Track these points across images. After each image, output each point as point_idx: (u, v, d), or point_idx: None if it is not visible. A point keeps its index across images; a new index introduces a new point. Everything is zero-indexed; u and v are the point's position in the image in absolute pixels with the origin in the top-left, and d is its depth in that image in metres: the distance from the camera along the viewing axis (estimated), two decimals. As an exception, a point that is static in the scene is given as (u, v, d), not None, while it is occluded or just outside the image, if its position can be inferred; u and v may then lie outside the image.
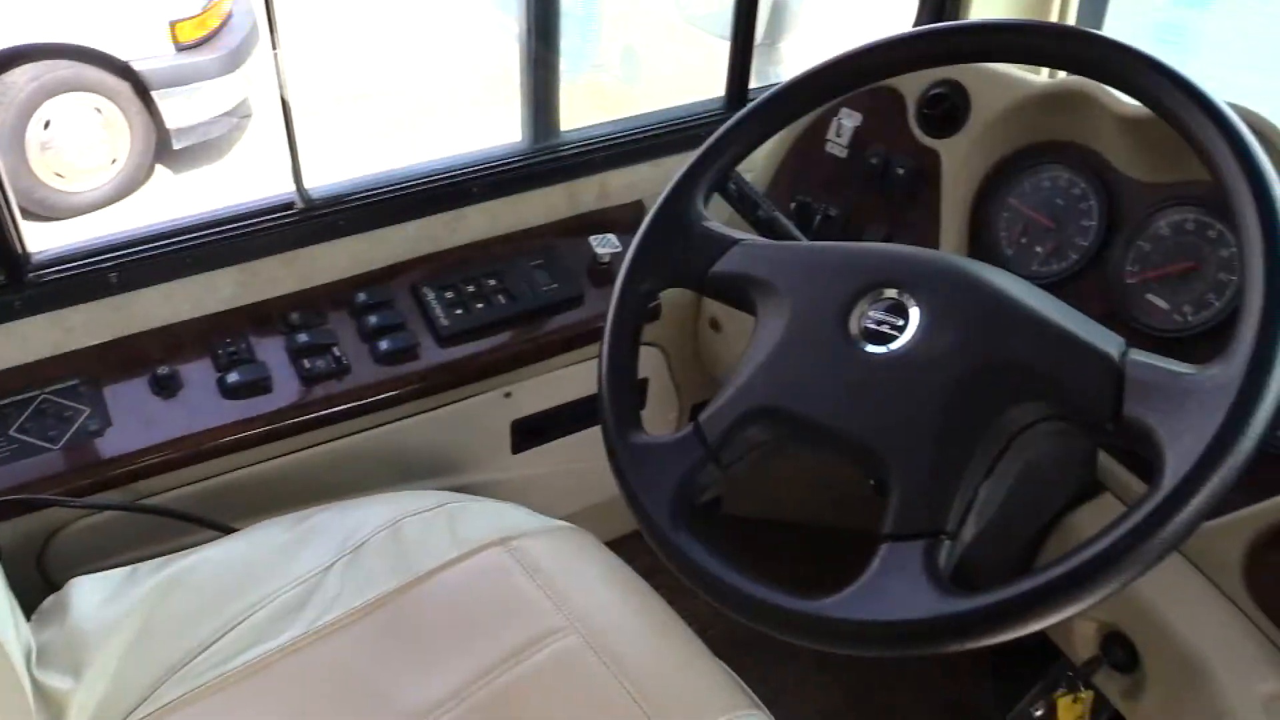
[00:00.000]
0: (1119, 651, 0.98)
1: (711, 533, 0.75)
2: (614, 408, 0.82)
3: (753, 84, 1.41)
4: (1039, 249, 1.08)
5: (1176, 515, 0.60)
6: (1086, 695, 1.02)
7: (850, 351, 0.75)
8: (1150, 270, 1.01)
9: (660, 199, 0.88)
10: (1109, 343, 0.69)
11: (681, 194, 0.88)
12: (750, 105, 0.89)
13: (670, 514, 0.76)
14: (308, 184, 1.17)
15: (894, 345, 0.73)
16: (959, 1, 1.39)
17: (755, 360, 0.79)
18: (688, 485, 0.77)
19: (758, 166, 1.28)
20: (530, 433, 1.31)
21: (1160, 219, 1.01)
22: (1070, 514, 1.00)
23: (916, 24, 1.46)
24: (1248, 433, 0.60)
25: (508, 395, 1.24)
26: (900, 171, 1.15)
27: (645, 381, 1.38)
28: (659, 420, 1.44)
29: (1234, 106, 0.75)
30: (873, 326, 0.75)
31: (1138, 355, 0.67)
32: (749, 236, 0.86)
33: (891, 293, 0.76)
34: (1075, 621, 1.01)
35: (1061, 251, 1.07)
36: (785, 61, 1.44)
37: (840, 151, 1.21)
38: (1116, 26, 1.50)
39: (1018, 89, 1.08)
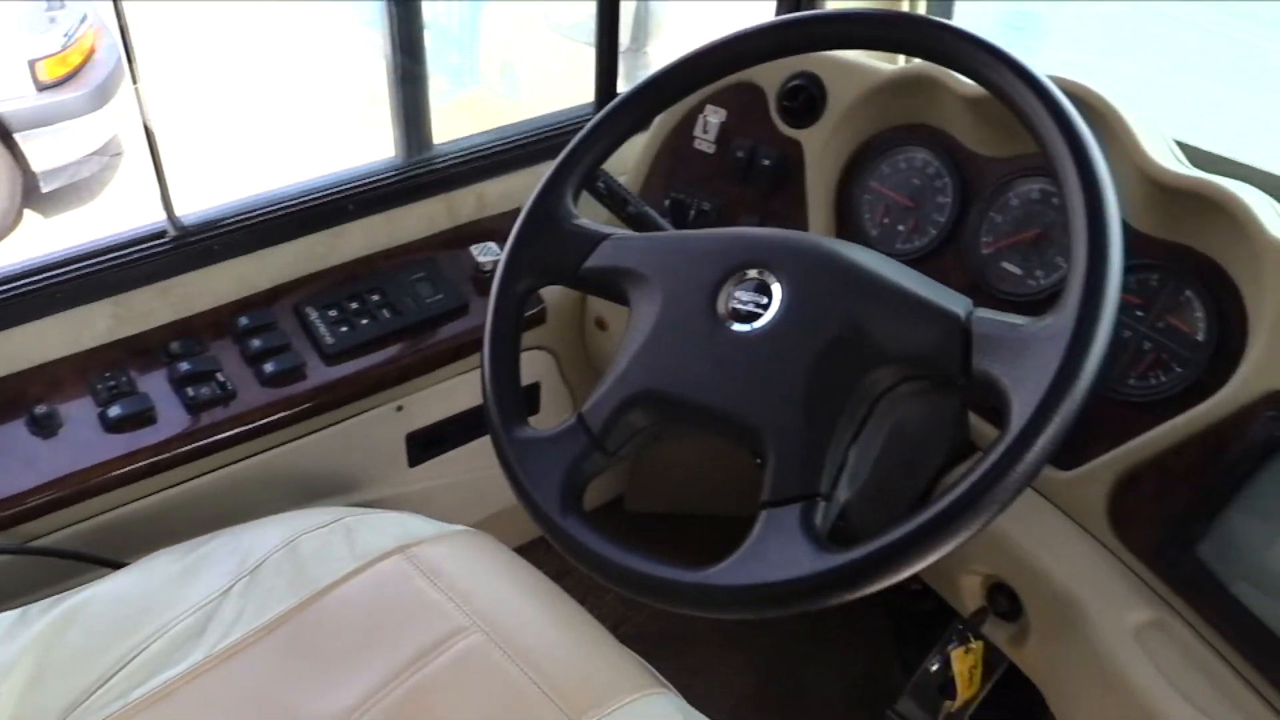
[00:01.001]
0: (1003, 601, 1.04)
1: (617, 530, 0.78)
2: (498, 405, 0.84)
3: (622, 87, 1.44)
4: (901, 227, 1.14)
5: (1025, 456, 0.64)
6: (977, 645, 1.07)
7: (719, 332, 0.78)
8: (1003, 240, 1.07)
9: (530, 200, 0.90)
10: (956, 304, 0.73)
11: (550, 194, 0.90)
12: (610, 104, 0.92)
13: (560, 503, 0.78)
14: (185, 214, 1.16)
15: (759, 323, 0.77)
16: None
17: (631, 349, 0.81)
18: (575, 474, 0.79)
19: (631, 168, 1.31)
20: (426, 445, 1.31)
21: (1009, 191, 1.07)
22: (948, 475, 1.05)
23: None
24: (1082, 376, 0.65)
25: (400, 409, 1.25)
26: (766, 163, 1.20)
27: (537, 385, 1.40)
28: (554, 422, 1.46)
29: (1057, 79, 0.80)
30: (739, 306, 0.78)
31: (982, 313, 0.72)
32: (619, 230, 0.89)
33: (754, 273, 0.79)
34: (961, 577, 1.06)
35: (922, 228, 1.12)
36: (653, 65, 1.49)
37: (708, 147, 1.25)
38: (967, 15, 1.57)
39: (869, 77, 1.13)
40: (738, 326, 0.78)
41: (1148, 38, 5.40)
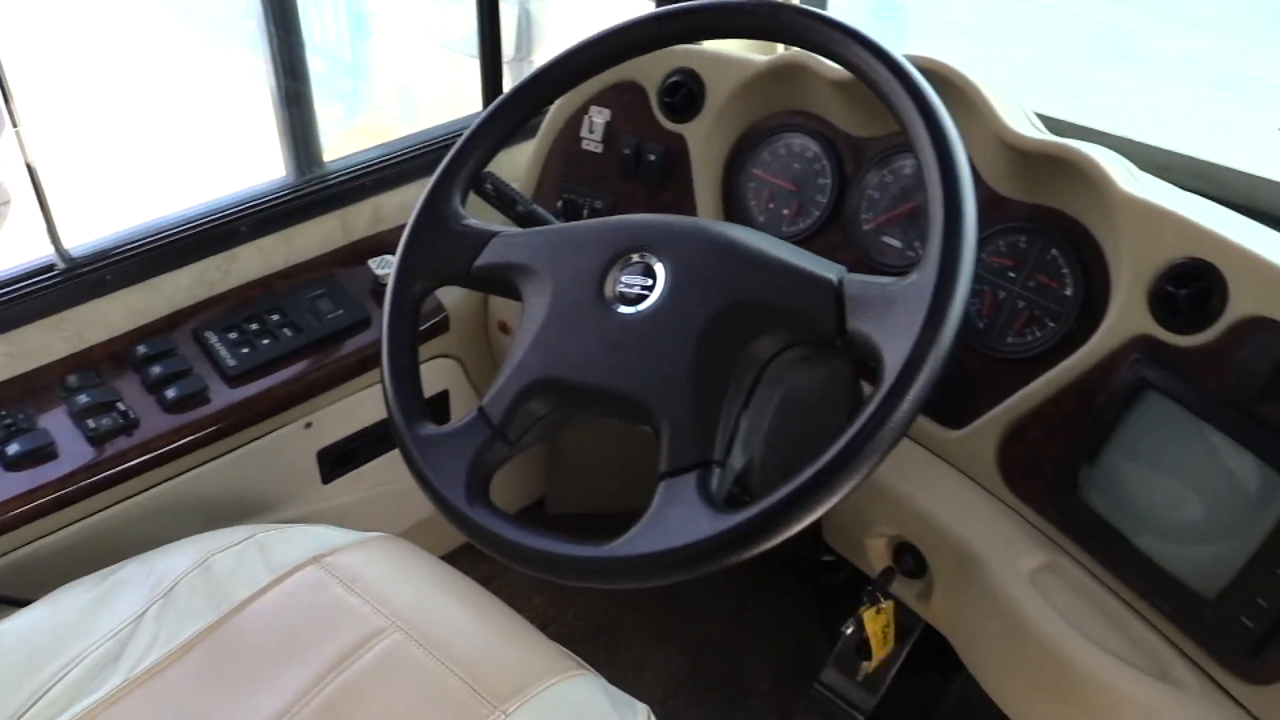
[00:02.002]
0: (909, 559, 1.08)
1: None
2: (399, 404, 0.85)
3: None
4: (786, 211, 1.18)
5: (899, 405, 0.68)
6: (888, 605, 1.11)
7: (608, 315, 0.80)
8: (882, 215, 1.12)
9: (418, 203, 0.92)
10: (829, 270, 0.77)
11: (438, 197, 0.92)
12: (490, 106, 0.95)
13: (465, 493, 0.80)
14: (74, 246, 1.15)
15: (645, 304, 0.80)
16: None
17: (525, 339, 0.83)
18: (479, 465, 0.81)
19: (523, 173, 1.33)
20: (339, 460, 1.31)
21: (884, 168, 1.12)
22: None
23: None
24: (947, 325, 0.69)
25: (308, 426, 1.25)
26: (652, 158, 1.23)
27: (446, 393, 1.41)
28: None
29: (913, 57, 0.85)
30: (625, 290, 0.81)
31: (854, 277, 0.76)
32: (506, 228, 0.91)
33: (638, 257, 0.82)
34: (867, 540, 1.10)
35: (805, 210, 1.17)
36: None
37: (595, 147, 1.28)
38: (837, 5, 1.63)
39: (744, 69, 1.17)
40: (625, 309, 0.80)
41: (1024, 26, 5.61)
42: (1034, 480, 0.99)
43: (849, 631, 1.11)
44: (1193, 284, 0.89)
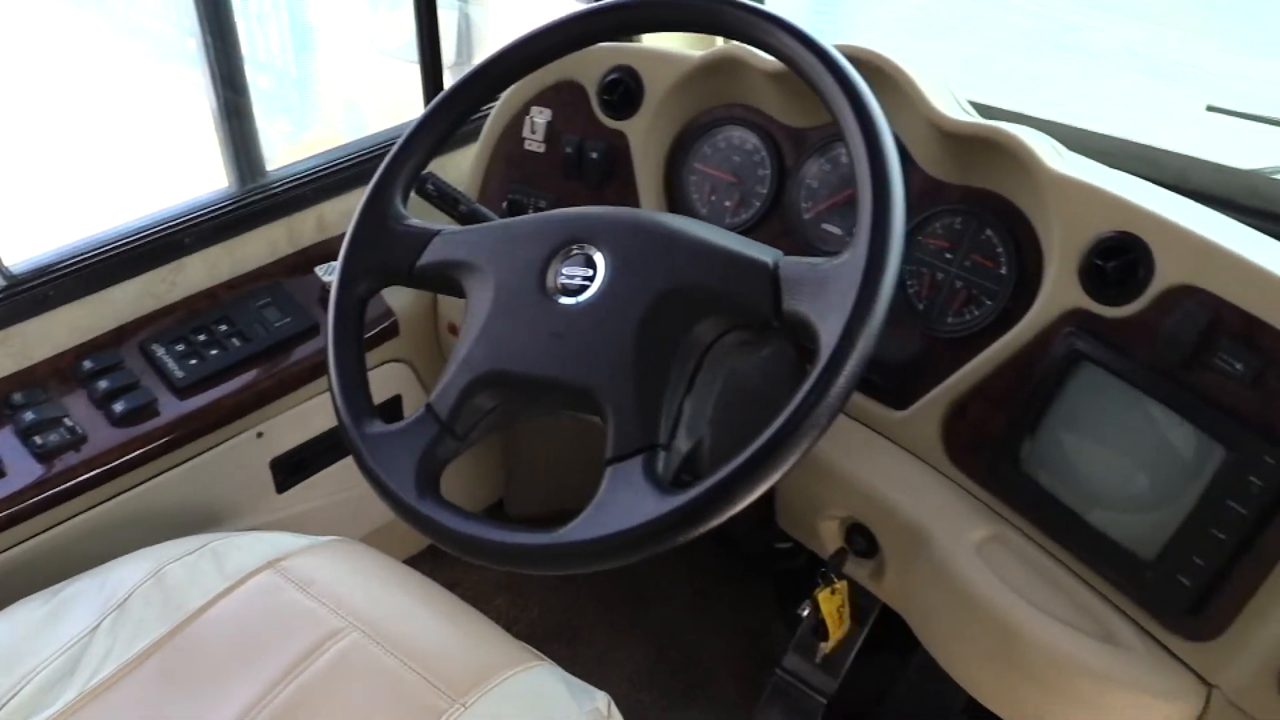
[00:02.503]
0: (860, 540, 1.10)
1: None
2: (346, 404, 0.85)
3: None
4: (727, 203, 1.19)
5: (835, 381, 0.70)
6: (842, 585, 1.13)
7: (551, 307, 0.82)
8: (821, 204, 1.14)
9: (360, 205, 0.93)
10: (765, 254, 0.78)
11: (379, 197, 0.93)
12: (428, 107, 0.95)
13: (415, 488, 0.80)
14: (15, 263, 1.14)
15: (587, 294, 0.81)
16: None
17: (470, 334, 0.84)
18: (428, 460, 0.82)
19: (467, 177, 1.34)
20: (293, 469, 1.31)
21: (821, 157, 1.14)
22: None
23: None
24: (878, 303, 0.71)
25: (260, 435, 1.25)
26: (594, 156, 1.24)
27: (398, 398, 1.41)
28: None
29: (843, 46, 0.86)
30: (566, 281, 0.82)
31: (789, 259, 0.77)
32: (448, 226, 0.92)
33: (578, 248, 0.83)
34: (819, 523, 1.12)
35: (747, 201, 1.18)
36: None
37: (538, 147, 1.29)
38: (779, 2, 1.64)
39: (681, 64, 1.18)
40: (566, 300, 0.81)
41: (965, 20, 5.70)
42: (977, 455, 1.02)
43: (805, 614, 1.12)
44: (1120, 256, 0.92)
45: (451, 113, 0.95)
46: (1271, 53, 4.96)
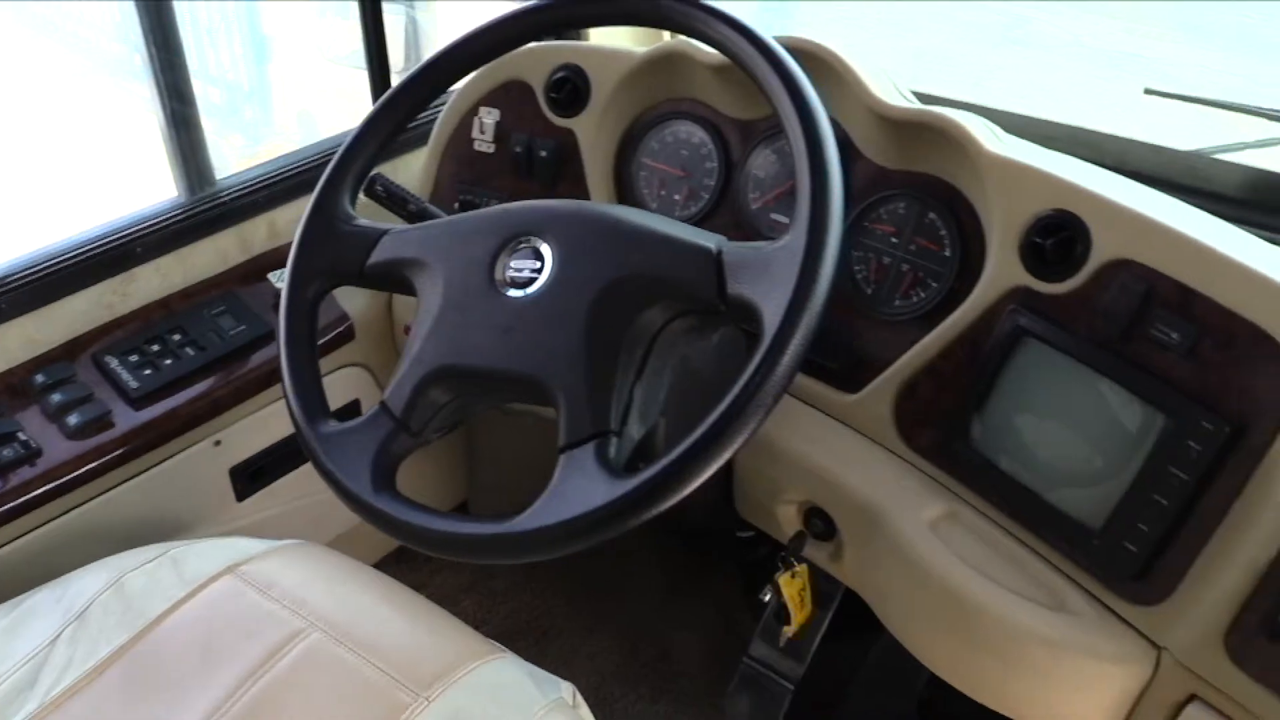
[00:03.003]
0: (818, 523, 1.11)
1: None
2: (300, 405, 0.86)
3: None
4: (677, 196, 1.21)
5: (780, 360, 0.71)
6: (802, 569, 1.15)
7: (500, 300, 0.82)
8: (768, 193, 1.15)
9: (309, 206, 0.93)
10: (709, 240, 0.80)
11: (327, 198, 0.93)
12: (373, 107, 0.96)
13: (371, 484, 0.81)
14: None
15: (535, 286, 0.82)
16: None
17: (421, 330, 0.85)
18: (383, 456, 0.82)
19: (418, 180, 1.34)
20: (252, 476, 1.31)
21: (767, 148, 1.15)
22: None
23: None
24: (819, 282, 0.72)
25: (218, 444, 1.24)
26: (544, 154, 1.25)
27: (357, 402, 1.41)
28: None
29: (783, 38, 0.88)
30: (515, 274, 0.83)
31: (732, 244, 0.79)
32: (397, 225, 0.92)
33: (525, 241, 0.84)
34: (778, 508, 1.13)
35: (696, 194, 1.20)
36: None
37: (488, 147, 1.29)
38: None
39: (626, 60, 1.20)
40: (515, 293, 0.82)
41: (919, 16, 5.76)
42: (929, 434, 1.03)
43: (767, 599, 1.14)
44: (1058, 234, 0.94)
45: (397, 112, 0.96)
46: (1212, 41, 5.06)
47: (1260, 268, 0.85)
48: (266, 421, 1.29)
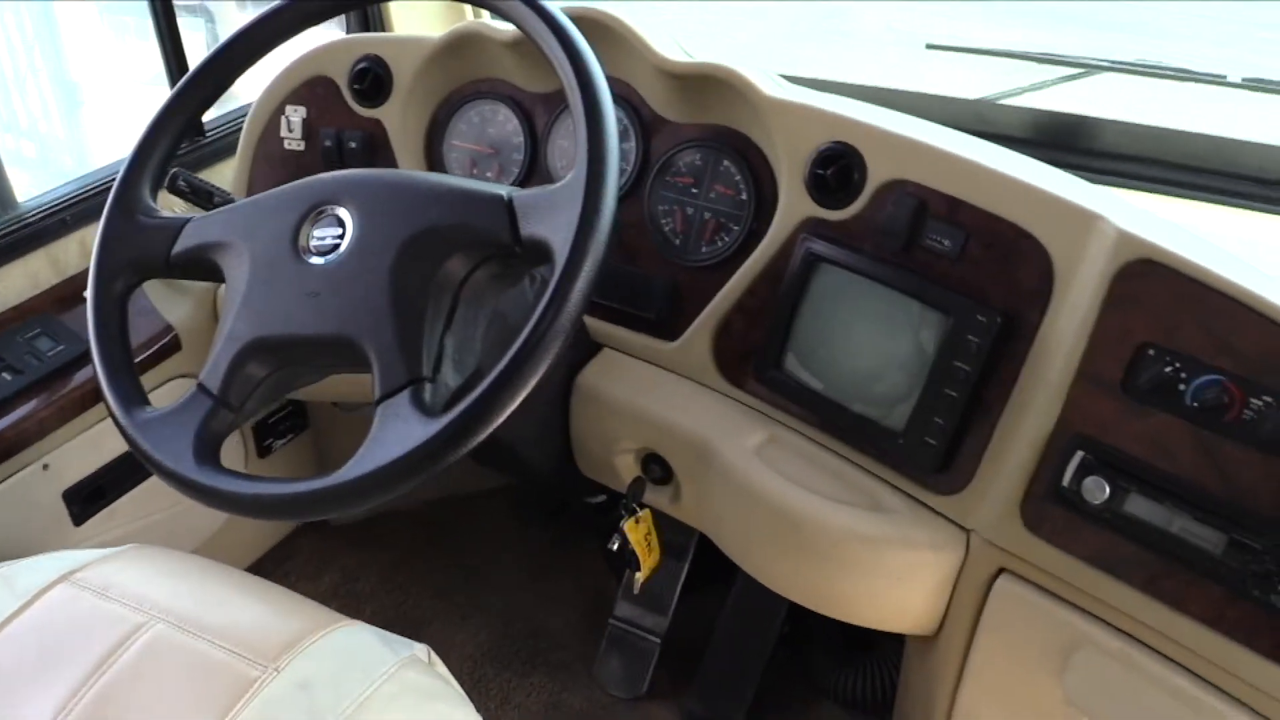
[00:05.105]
0: (656, 468, 1.16)
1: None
2: (115, 395, 0.86)
3: (217, 112, 1.50)
4: (489, 174, 1.24)
5: (574, 286, 0.75)
6: (645, 513, 1.19)
7: (305, 269, 0.84)
8: (571, 158, 1.19)
9: (108, 202, 0.93)
10: (500, 189, 0.83)
11: (126, 193, 0.93)
12: (165, 100, 0.96)
13: (194, 461, 0.81)
14: None
15: (339, 251, 0.84)
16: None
17: (232, 308, 0.86)
18: (205, 434, 0.83)
19: (231, 183, 1.34)
20: (89, 498, 1.28)
21: (567, 118, 1.19)
22: (582, 373, 1.16)
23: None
24: (602, 213, 0.77)
25: (46, 467, 1.21)
26: (354, 145, 1.27)
27: None
28: (226, 444, 1.46)
29: (568, 7, 0.92)
30: (318, 243, 0.85)
31: (521, 190, 0.82)
32: (198, 213, 0.93)
33: (326, 210, 0.86)
34: (615, 459, 1.17)
35: (507, 170, 1.23)
36: (238, 90, 1.56)
37: (297, 145, 1.30)
38: None
39: (424, 45, 1.22)
40: (320, 260, 0.84)
41: (739, 15, 5.96)
42: (746, 367, 1.09)
43: (615, 547, 1.17)
44: (838, 162, 1.01)
45: (190, 101, 0.96)
46: (1011, 23, 5.39)
47: (1015, 174, 0.94)
48: (98, 440, 1.26)
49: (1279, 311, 0.78)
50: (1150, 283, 0.84)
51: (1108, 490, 0.85)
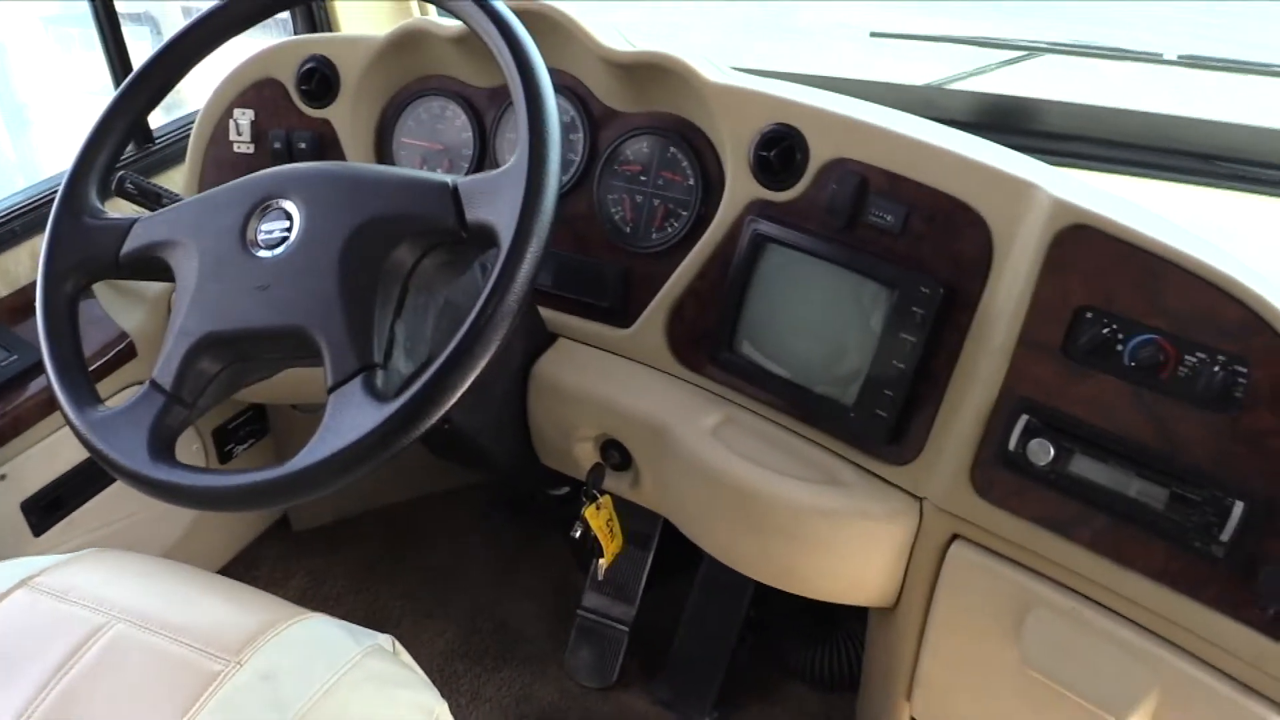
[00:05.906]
0: (614, 454, 1.17)
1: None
2: (68, 397, 0.85)
3: (170, 118, 1.50)
4: (439, 169, 1.25)
5: (520, 266, 0.76)
6: (605, 500, 1.20)
7: (254, 263, 0.84)
8: (524, 153, 1.20)
9: (55, 204, 0.93)
10: (444, 177, 0.84)
11: (73, 194, 0.93)
12: (109, 101, 0.96)
13: (149, 457, 0.81)
14: None
15: (287, 244, 0.84)
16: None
17: (183, 305, 0.86)
18: (159, 430, 0.83)
19: (181, 184, 1.34)
20: (49, 508, 1.27)
21: (514, 110, 1.20)
22: (538, 363, 1.17)
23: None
24: (545, 194, 0.78)
25: (3, 478, 1.20)
26: (303, 146, 1.27)
27: None
28: (188, 452, 1.46)
29: (517, 5, 0.92)
30: (266, 236, 0.85)
31: (466, 177, 0.83)
32: (145, 213, 0.93)
33: (273, 204, 0.87)
34: (574, 446, 1.18)
35: (456, 165, 1.24)
36: (185, 95, 1.55)
37: (247, 148, 1.30)
38: None
39: (370, 44, 1.23)
40: (269, 253, 0.84)
41: (693, 16, 6.00)
42: (699, 350, 1.11)
43: (577, 535, 1.18)
44: (780, 144, 1.03)
45: (127, 109, 0.96)
46: (966, 16, 5.46)
47: (952, 148, 0.96)
48: (55, 449, 1.25)
49: (1208, 270, 0.80)
50: (1085, 247, 0.86)
51: (1052, 452, 0.87)
